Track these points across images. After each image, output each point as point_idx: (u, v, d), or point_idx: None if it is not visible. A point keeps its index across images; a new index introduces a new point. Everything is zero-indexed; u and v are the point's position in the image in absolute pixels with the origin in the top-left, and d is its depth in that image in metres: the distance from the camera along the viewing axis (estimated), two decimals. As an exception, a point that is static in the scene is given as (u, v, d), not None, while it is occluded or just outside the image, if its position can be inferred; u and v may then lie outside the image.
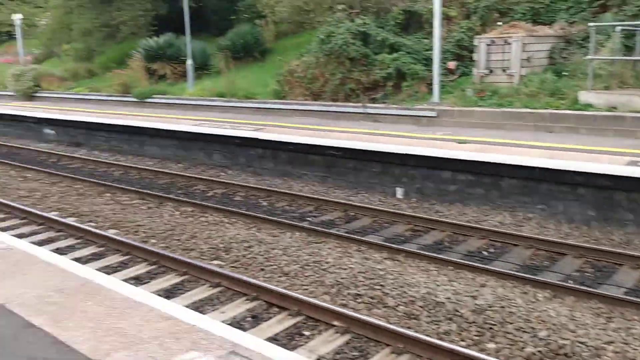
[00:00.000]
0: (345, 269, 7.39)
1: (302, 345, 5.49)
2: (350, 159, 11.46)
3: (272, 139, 12.61)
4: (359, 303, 6.47)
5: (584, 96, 11.52)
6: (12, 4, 31.56)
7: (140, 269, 7.57)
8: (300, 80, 15.84)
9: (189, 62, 19.44)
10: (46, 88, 24.63)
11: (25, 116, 19.43)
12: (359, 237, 8.53)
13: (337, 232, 8.80)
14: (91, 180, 12.65)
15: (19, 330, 3.78)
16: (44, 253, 5.31)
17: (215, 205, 10.42)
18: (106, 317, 3.92)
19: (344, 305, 6.36)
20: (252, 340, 3.64)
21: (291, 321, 6.07)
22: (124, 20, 23.57)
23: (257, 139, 12.94)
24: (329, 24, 15.71)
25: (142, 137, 15.69)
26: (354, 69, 14.67)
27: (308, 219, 9.74)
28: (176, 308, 4.05)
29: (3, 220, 9.03)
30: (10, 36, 35.13)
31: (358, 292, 6.69)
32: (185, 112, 17.81)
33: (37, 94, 24.75)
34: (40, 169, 13.97)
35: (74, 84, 24.41)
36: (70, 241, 8.56)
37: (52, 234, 8.90)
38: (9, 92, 25.60)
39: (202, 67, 20.61)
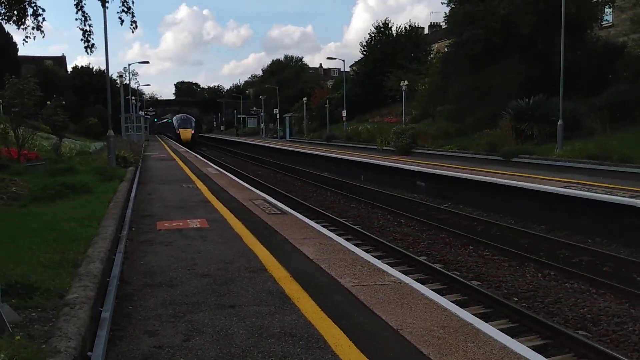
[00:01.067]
0: None
1: None
2: None
3: (653, 208, 11.27)
4: None
5: None
6: (400, 72, 35.94)
7: (502, 324, 7.60)
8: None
9: (560, 122, 18.96)
10: (421, 145, 27.18)
11: (402, 169, 21.71)
12: None
13: None
14: (455, 231, 13.32)
15: (411, 355, 4.28)
16: (427, 291, 5.87)
17: (581, 273, 9.80)
18: (485, 362, 4.13)
19: None
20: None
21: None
22: (497, 83, 24.38)
23: (634, 207, 11.74)
24: None
25: (505, 194, 15.82)
26: None
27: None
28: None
29: (382, 257, 10.22)
30: (394, 99, 40.03)
31: None
32: (551, 173, 17.35)
33: (413, 150, 27.48)
34: (412, 216, 15.37)
35: (444, 142, 26.29)
36: (437, 285, 9.16)
37: (421, 275, 9.68)
38: (390, 148, 29.14)
39: (572, 128, 19.85)
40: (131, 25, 10.61)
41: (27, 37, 11.02)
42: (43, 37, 11.38)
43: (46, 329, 3.74)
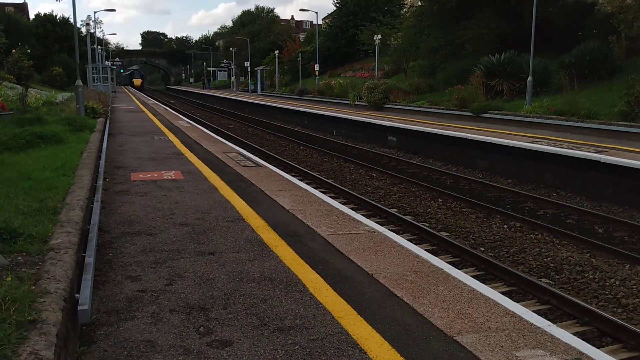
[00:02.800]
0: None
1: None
2: None
3: (614, 163, 11.71)
4: None
5: None
6: (373, 26, 35.70)
7: (470, 272, 7.93)
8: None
9: (529, 79, 19.25)
10: (393, 100, 27.30)
11: (374, 124, 21.89)
12: None
13: (691, 273, 7.77)
14: (425, 185, 13.63)
15: (385, 297, 4.50)
16: (400, 239, 6.10)
17: (545, 225, 10.21)
18: (455, 303, 4.37)
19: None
20: (601, 355, 3.64)
21: (626, 354, 5.69)
22: (469, 39, 24.47)
23: (597, 161, 12.17)
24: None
25: (474, 150, 16.17)
26: None
27: (653, 253, 8.80)
28: (521, 308, 4.26)
29: (356, 209, 10.45)
30: (367, 54, 39.81)
31: None
32: (520, 129, 17.73)
33: (385, 105, 27.62)
34: (384, 170, 15.63)
35: (416, 97, 26.46)
36: (407, 236, 9.44)
37: (392, 227, 9.95)
38: (363, 103, 29.20)
39: (542, 85, 20.20)
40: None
41: None
42: None
43: (34, 271, 3.82)
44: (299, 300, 4.42)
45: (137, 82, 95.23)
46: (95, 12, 75.50)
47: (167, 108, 34.98)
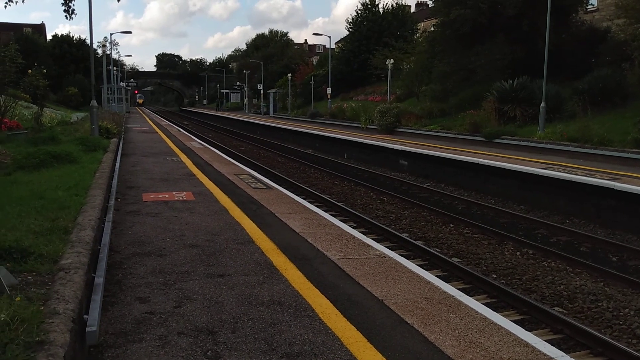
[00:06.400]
0: None
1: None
2: None
3: (628, 191, 11.59)
4: None
5: None
6: (385, 50, 35.94)
7: (481, 299, 7.83)
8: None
9: (542, 105, 19.21)
10: (405, 124, 27.34)
11: (385, 147, 21.88)
12: None
13: None
14: (437, 209, 13.54)
15: (395, 324, 4.44)
16: (410, 264, 6.04)
17: (559, 252, 10.08)
18: (467, 331, 4.30)
19: None
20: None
21: (643, 388, 5.55)
22: (481, 64, 24.51)
23: (611, 189, 12.05)
24: None
25: (486, 175, 16.08)
26: None
27: (669, 284, 8.64)
28: (534, 338, 4.18)
29: (367, 233, 10.39)
30: (379, 78, 40.02)
31: None
32: (532, 155, 17.64)
33: (397, 129, 27.66)
34: (395, 194, 15.57)
35: (428, 121, 26.48)
36: (418, 261, 9.36)
37: (403, 252, 9.87)
38: (374, 126, 29.28)
39: (554, 111, 20.15)
40: (116, -8, 10.39)
41: (8, 1, 10.75)
42: (23, 0, 11.10)
43: (43, 291, 3.81)
44: (308, 326, 4.36)
45: (140, 101, 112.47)
46: (111, 34, 76.82)
47: (180, 129, 35.22)
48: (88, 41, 21.06)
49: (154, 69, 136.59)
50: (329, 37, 51.85)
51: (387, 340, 4.14)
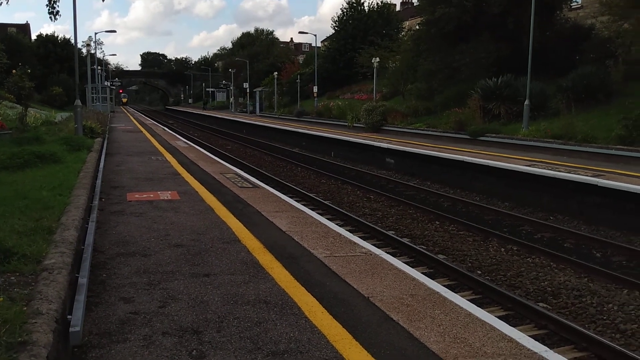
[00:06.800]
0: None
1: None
2: None
3: (613, 187, 11.71)
4: None
5: None
6: (371, 49, 36.06)
7: (466, 295, 7.87)
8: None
9: (527, 102, 19.36)
10: (391, 122, 27.44)
11: (372, 145, 21.94)
12: None
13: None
14: (423, 207, 13.61)
15: (381, 320, 4.46)
16: (396, 262, 6.06)
17: (543, 248, 10.17)
18: (452, 327, 4.33)
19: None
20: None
21: (626, 381, 5.61)
22: (466, 62, 24.66)
23: (595, 185, 12.17)
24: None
25: (472, 172, 16.19)
26: None
27: (652, 278, 8.75)
28: (518, 333, 4.22)
29: (353, 231, 10.40)
30: (365, 76, 40.11)
31: None
32: (517, 152, 17.78)
33: (383, 127, 27.75)
34: (381, 192, 15.61)
35: (414, 120, 26.60)
36: (405, 258, 9.40)
37: (389, 249, 9.91)
38: (361, 125, 29.36)
39: (539, 108, 20.31)
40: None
41: None
42: (7, 2, 11.02)
43: (26, 292, 3.78)
44: (293, 324, 4.37)
45: (124, 100, 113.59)
46: (96, 33, 76.25)
47: (165, 128, 35.05)
48: (73, 41, 20.84)
49: (139, 68, 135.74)
50: (315, 35, 51.91)
51: (373, 337, 4.16)
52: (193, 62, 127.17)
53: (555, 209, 13.25)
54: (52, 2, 10.31)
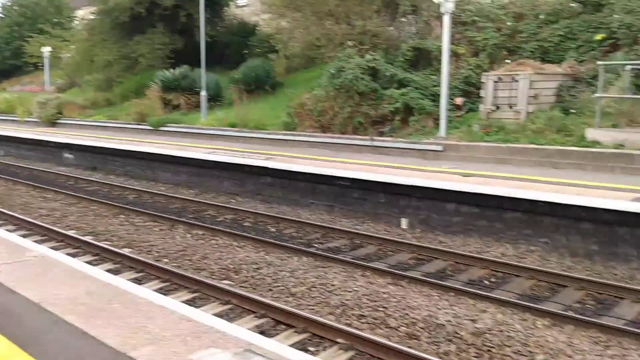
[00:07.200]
0: (350, 291, 7.70)
1: (308, 358, 5.79)
2: (356, 189, 11.84)
3: (282, 168, 13.05)
4: (363, 323, 6.76)
5: (591, 134, 11.78)
6: (41, 37, 32.94)
7: (153, 285, 7.91)
8: (310, 112, 16.36)
9: (203, 93, 20.14)
10: (68, 115, 25.59)
11: (48, 141, 20.17)
12: (363, 263, 8.83)
13: (343, 258, 9.11)
14: (107, 202, 13.12)
15: (52, 325, 4.17)
16: (72, 261, 5.73)
17: (225, 230, 10.80)
18: (131, 318, 4.31)
19: (348, 325, 6.66)
20: (266, 341, 4.01)
21: (297, 337, 6.36)
22: (143, 53, 24.45)
23: (266, 167, 13.37)
24: (340, 59, 16.22)
25: (156, 163, 16.20)
26: (363, 103, 15.19)
27: (315, 245, 10.07)
28: (196, 312, 4.43)
29: (26, 236, 9.44)
30: (37, 67, 36.37)
31: (362, 313, 6.99)
32: (198, 141, 18.34)
33: (60, 121, 25.72)
34: (60, 190, 14.51)
35: (93, 112, 25.28)
36: (87, 257, 8.96)
37: (70, 250, 9.31)
38: (34, 119, 26.64)
39: (215, 98, 21.31)
40: None
41: None
42: None
43: None
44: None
45: None
46: None
47: None
48: None
49: None
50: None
51: (46, 344, 3.89)
52: None
53: (235, 192, 14.16)
54: None
